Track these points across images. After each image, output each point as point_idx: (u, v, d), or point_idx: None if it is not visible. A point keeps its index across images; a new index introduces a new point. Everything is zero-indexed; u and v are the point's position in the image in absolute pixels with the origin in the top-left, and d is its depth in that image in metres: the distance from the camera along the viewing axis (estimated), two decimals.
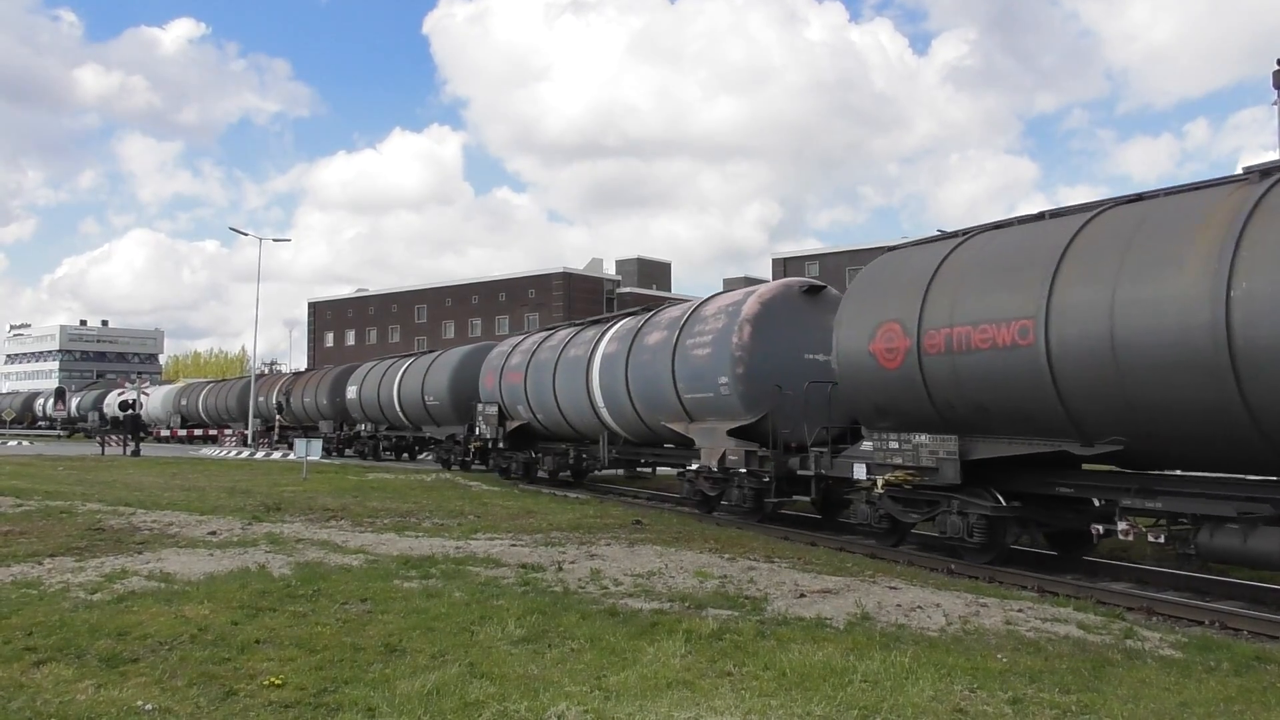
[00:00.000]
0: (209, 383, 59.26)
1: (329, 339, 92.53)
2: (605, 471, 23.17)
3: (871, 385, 12.16)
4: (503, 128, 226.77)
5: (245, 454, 40.54)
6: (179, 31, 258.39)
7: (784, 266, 70.59)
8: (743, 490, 15.57)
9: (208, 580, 9.45)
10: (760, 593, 9.24)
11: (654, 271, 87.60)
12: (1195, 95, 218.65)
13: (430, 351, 34.03)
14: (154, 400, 58.63)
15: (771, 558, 11.74)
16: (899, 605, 8.71)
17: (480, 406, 25.58)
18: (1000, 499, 11.30)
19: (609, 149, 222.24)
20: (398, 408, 32.53)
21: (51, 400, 68.50)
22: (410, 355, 34.73)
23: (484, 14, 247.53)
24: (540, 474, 23.86)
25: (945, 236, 12.44)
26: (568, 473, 23.12)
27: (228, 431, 50.69)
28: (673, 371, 16.63)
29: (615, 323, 20.52)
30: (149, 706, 5.63)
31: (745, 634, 7.47)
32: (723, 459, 15.64)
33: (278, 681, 6.08)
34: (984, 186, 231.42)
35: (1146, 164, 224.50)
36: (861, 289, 12.88)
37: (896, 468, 11.98)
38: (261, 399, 46.60)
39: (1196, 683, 6.38)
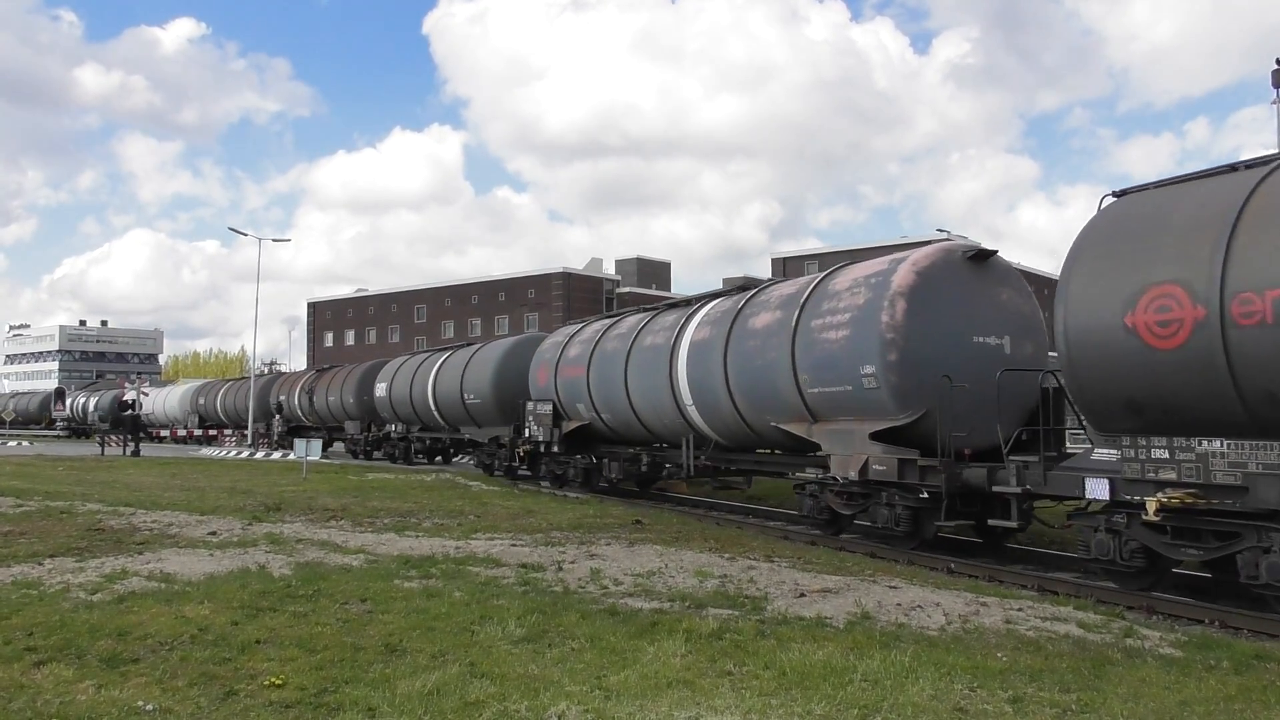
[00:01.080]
0: (227, 381, 56.20)
1: (328, 339, 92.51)
2: (668, 478, 20.81)
3: (1127, 371, 9.04)
4: (503, 127, 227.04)
5: (245, 454, 40.54)
6: (179, 31, 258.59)
7: (783, 266, 70.67)
8: (894, 510, 12.46)
9: (208, 580, 9.45)
10: (760, 592, 9.25)
11: (654, 271, 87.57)
12: (1196, 94, 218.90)
13: (468, 344, 30.88)
14: (170, 399, 56.35)
15: (771, 557, 11.74)
16: (899, 604, 8.72)
17: (530, 405, 22.76)
18: None
19: (610, 148, 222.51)
20: (432, 407, 29.34)
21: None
22: (446, 348, 31.62)
23: (484, 13, 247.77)
24: (600, 483, 21.39)
25: (1228, 169, 9.19)
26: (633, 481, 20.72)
27: (245, 431, 48.00)
28: (792, 360, 13.63)
29: (704, 304, 17.57)
30: (149, 707, 5.64)
31: (745, 633, 7.48)
32: (864, 469, 12.55)
33: (278, 681, 6.08)
34: (985, 185, 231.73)
35: (1147, 163, 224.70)
36: (1105, 241, 9.56)
37: (1167, 485, 8.96)
38: (283, 397, 43.86)
39: (1196, 681, 6.38)
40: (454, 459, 33.09)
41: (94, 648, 6.85)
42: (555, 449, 21.89)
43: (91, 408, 63.13)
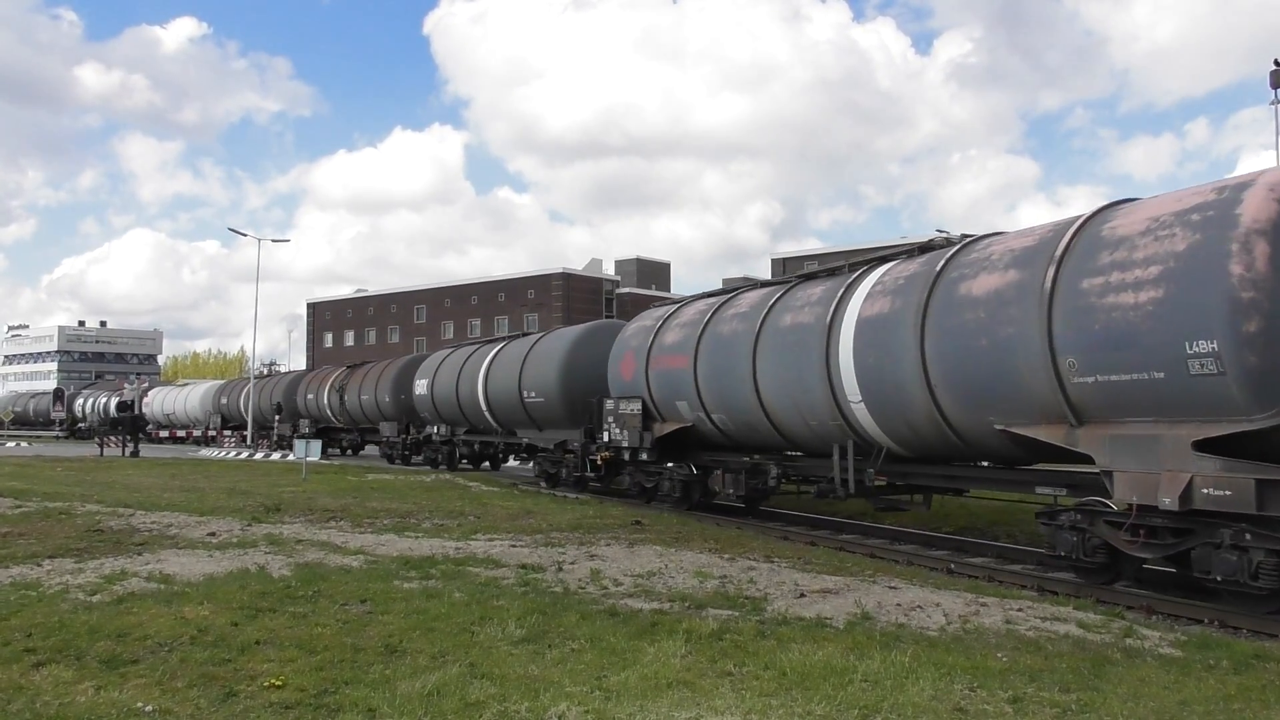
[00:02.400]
0: (249, 381, 53.03)
1: (328, 339, 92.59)
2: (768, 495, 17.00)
3: None
4: (504, 127, 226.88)
5: (245, 455, 40.53)
6: (180, 30, 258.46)
7: (784, 266, 70.75)
8: (1247, 558, 8.50)
9: (207, 581, 9.45)
10: (760, 593, 9.25)
11: (653, 271, 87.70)
12: (1197, 94, 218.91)
13: (524, 334, 27.19)
14: (191, 399, 53.80)
15: (771, 557, 11.74)
16: (899, 605, 8.72)
17: (611, 404, 18.98)
18: None
19: (611, 148, 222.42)
20: (483, 407, 25.70)
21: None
22: (498, 339, 27.58)
23: (485, 13, 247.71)
24: (699, 498, 17.56)
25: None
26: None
27: (272, 432, 44.97)
28: (1048, 337, 9.78)
29: (870, 270, 13.47)
30: (149, 708, 5.63)
31: (745, 634, 7.48)
32: (1187, 493, 8.69)
33: (278, 682, 6.08)
34: (985, 186, 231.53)
35: (1147, 164, 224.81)
36: None
37: None
38: (311, 396, 41.01)
39: (1196, 681, 6.38)
40: (505, 464, 30.15)
41: (93, 649, 6.85)
42: (644, 456, 18.02)
43: (114, 409, 59.84)
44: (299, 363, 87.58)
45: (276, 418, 43.79)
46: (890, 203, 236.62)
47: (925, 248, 12.95)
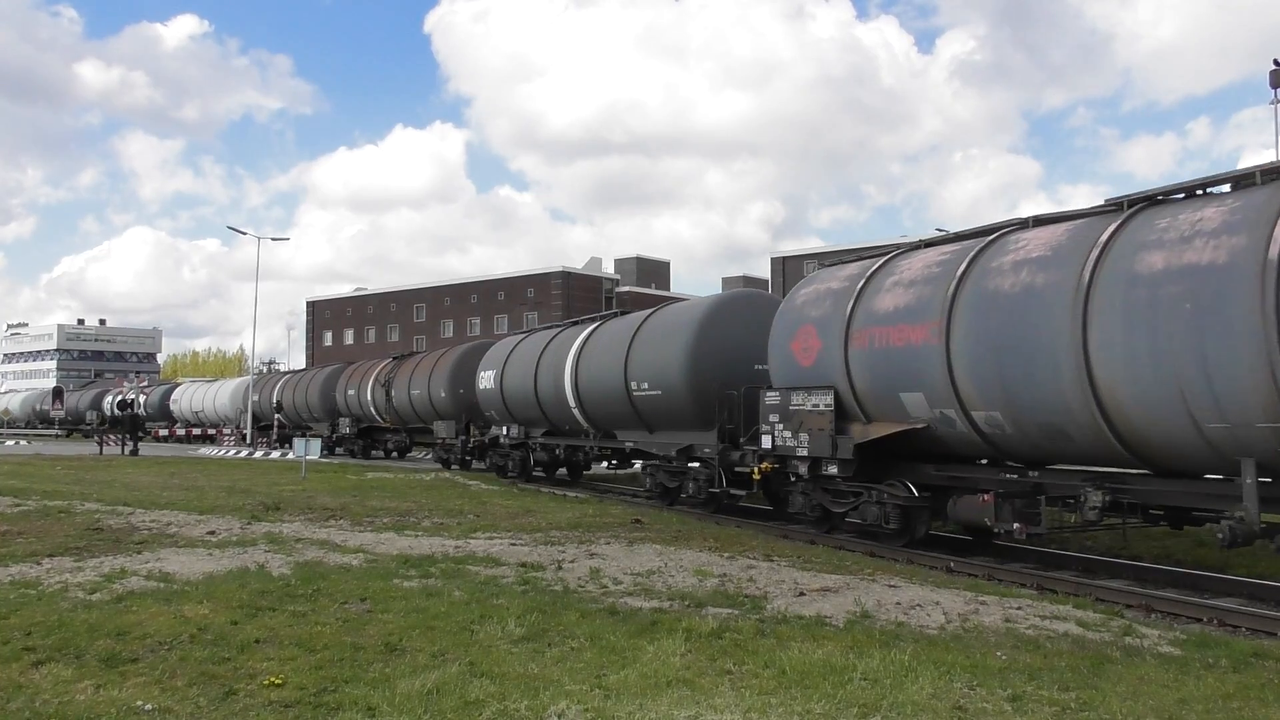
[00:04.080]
0: (284, 375, 49.37)
1: (328, 338, 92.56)
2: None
3: None
4: (505, 125, 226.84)
5: (244, 453, 40.52)
6: (181, 28, 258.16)
7: (783, 265, 70.76)
8: None
9: (207, 580, 9.45)
10: (760, 591, 9.25)
11: (652, 270, 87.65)
12: (1200, 93, 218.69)
13: (621, 312, 21.95)
14: (221, 396, 50.55)
15: (771, 556, 11.74)
16: (898, 603, 8.72)
17: (775, 398, 13.95)
18: None
19: (613, 145, 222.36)
20: (570, 403, 20.66)
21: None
22: (588, 320, 22.40)
23: (486, 11, 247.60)
24: (921, 530, 12.66)
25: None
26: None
27: (310, 432, 39.86)
28: None
29: None
30: (148, 706, 5.63)
31: (745, 632, 7.48)
32: None
33: (277, 681, 6.08)
34: (986, 185, 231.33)
35: (1149, 163, 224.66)
36: None
37: None
38: (353, 392, 36.42)
39: (1195, 679, 6.39)
40: (588, 470, 25.17)
41: (92, 647, 6.85)
42: (831, 470, 13.12)
43: (141, 406, 56.22)
44: (298, 361, 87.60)
45: (276, 416, 43.57)
46: (891, 201, 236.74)
47: None
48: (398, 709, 5.58)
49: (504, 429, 24.87)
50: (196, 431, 53.91)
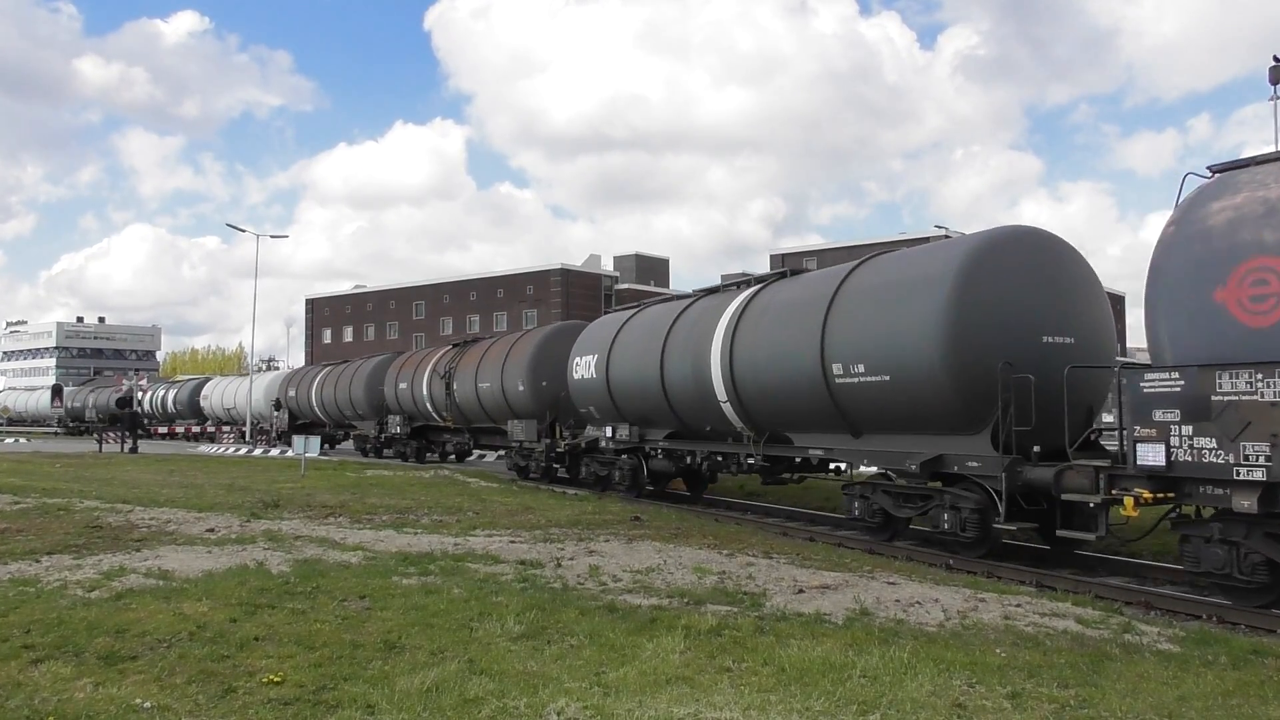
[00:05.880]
0: (322, 368, 43.43)
1: (327, 335, 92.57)
2: None
3: None
4: (506, 121, 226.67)
5: (243, 451, 40.52)
6: (180, 24, 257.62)
7: (783, 262, 70.79)
8: None
9: (206, 577, 9.44)
10: (759, 588, 9.25)
11: (652, 267, 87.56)
12: (1202, 89, 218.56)
13: (796, 272, 16.19)
14: (255, 391, 47.15)
15: (770, 553, 11.74)
16: (897, 600, 8.72)
17: (1176, 388, 8.82)
18: None
19: (615, 141, 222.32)
20: (719, 396, 15.86)
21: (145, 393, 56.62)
22: (748, 280, 17.36)
23: (487, 7, 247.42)
24: None
25: None
26: None
27: (355, 431, 37.04)
28: None
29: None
30: (147, 704, 5.63)
31: (744, 630, 7.48)
32: None
33: (276, 679, 6.08)
34: (987, 182, 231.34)
35: (1150, 160, 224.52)
36: None
37: None
38: (404, 385, 31.42)
39: (1194, 676, 6.39)
40: (720, 477, 19.29)
41: (91, 645, 6.84)
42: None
43: (171, 402, 56.07)
44: (298, 359, 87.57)
45: (275, 413, 43.46)
46: (892, 198, 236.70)
47: None
48: (397, 706, 5.58)
49: (607, 430, 19.76)
50: (196, 430, 53.41)
